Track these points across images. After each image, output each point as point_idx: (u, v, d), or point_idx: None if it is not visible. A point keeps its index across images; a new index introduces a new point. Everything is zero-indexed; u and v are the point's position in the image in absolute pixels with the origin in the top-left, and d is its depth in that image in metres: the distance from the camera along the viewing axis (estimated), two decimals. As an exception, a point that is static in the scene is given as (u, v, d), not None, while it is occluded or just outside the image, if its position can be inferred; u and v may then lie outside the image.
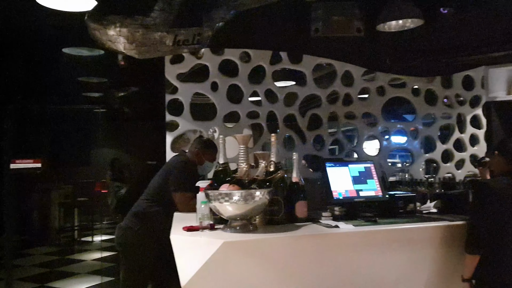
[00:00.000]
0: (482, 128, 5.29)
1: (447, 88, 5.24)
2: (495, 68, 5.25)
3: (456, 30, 4.41)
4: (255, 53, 4.47)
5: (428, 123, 5.23)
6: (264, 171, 2.43)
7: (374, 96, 4.97)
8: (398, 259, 2.43)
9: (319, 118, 4.80)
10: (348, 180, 2.71)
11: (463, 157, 5.22)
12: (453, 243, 2.50)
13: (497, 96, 5.26)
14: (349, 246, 2.34)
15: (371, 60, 4.98)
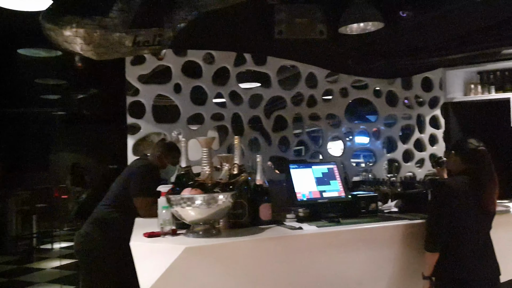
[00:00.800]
0: (440, 128, 5.44)
1: (407, 90, 5.36)
2: (452, 70, 5.42)
3: (415, 33, 4.51)
4: (219, 54, 4.44)
5: (390, 124, 5.34)
6: (227, 174, 2.40)
7: (337, 98, 5.03)
8: (361, 258, 2.45)
9: (284, 120, 4.81)
10: (311, 182, 2.71)
11: (423, 157, 5.35)
12: (413, 241, 2.54)
13: (454, 97, 5.43)
14: (313, 247, 2.34)
15: (334, 62, 5.04)
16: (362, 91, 5.16)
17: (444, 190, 2.43)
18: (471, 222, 2.40)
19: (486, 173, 2.42)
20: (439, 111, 5.43)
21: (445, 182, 2.53)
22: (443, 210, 2.39)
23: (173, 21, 3.18)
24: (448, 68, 5.40)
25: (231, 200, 2.20)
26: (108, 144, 4.98)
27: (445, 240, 2.38)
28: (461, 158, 2.49)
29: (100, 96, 6.14)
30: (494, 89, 5.32)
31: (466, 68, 5.40)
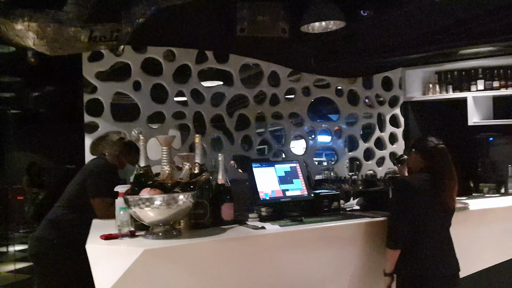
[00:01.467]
0: (400, 127, 5.56)
1: (368, 89, 5.44)
2: (412, 70, 5.54)
3: (375, 32, 4.59)
4: (179, 51, 4.35)
5: (351, 123, 5.41)
6: (188, 174, 2.33)
7: (300, 97, 5.05)
8: (324, 257, 2.45)
9: (247, 118, 4.78)
10: (274, 180, 2.69)
11: (383, 155, 5.45)
12: (375, 239, 2.56)
13: (413, 96, 5.55)
14: (276, 246, 2.31)
15: (296, 61, 5.05)
16: (324, 90, 5.20)
17: (405, 187, 2.45)
18: (431, 219, 2.44)
19: (446, 170, 2.46)
20: (398, 110, 5.55)
21: (406, 179, 2.55)
22: (404, 207, 2.42)
23: (131, 16, 3.08)
24: (407, 67, 5.52)
25: (191, 200, 2.14)
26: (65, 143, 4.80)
27: (406, 237, 2.40)
28: (421, 156, 2.52)
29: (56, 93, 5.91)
30: (452, 89, 5.48)
31: (425, 68, 5.53)
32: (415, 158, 2.55)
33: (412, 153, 2.57)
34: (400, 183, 2.54)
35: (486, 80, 5.32)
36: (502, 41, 4.75)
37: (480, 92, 5.32)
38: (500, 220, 3.12)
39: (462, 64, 5.33)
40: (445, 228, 2.51)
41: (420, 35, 4.79)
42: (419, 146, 2.56)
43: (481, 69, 5.33)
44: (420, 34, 4.77)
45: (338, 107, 5.28)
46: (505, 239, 3.11)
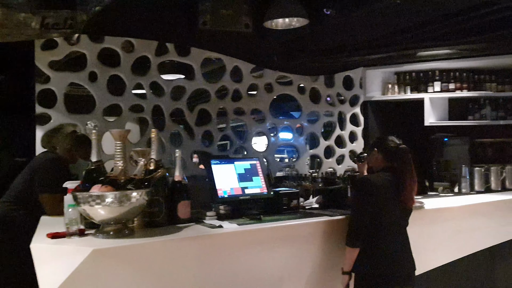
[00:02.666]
0: (360, 126, 5.63)
1: (329, 87, 5.47)
2: (372, 70, 5.62)
3: (338, 31, 4.60)
4: (139, 42, 4.21)
5: (313, 120, 5.42)
6: (143, 170, 2.24)
7: (262, 93, 5.01)
8: (282, 255, 2.42)
9: (208, 114, 4.69)
10: (233, 178, 2.63)
11: (343, 153, 5.50)
12: (333, 237, 2.56)
13: (373, 96, 5.63)
14: (234, 245, 2.26)
15: (259, 57, 5.00)
16: (286, 87, 5.19)
17: (367, 186, 2.45)
18: (391, 218, 2.46)
19: (407, 170, 2.48)
20: (359, 109, 5.61)
21: (368, 178, 2.56)
22: (365, 206, 2.42)
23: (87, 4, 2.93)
24: (368, 67, 5.59)
25: (146, 197, 2.05)
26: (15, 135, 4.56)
27: (366, 235, 2.41)
28: (384, 155, 2.53)
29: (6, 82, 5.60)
30: (410, 89, 5.59)
31: (385, 69, 5.62)
32: (376, 157, 2.56)
33: (374, 152, 2.58)
34: (362, 181, 2.54)
35: (442, 82, 5.47)
36: (459, 44, 4.88)
37: (437, 94, 5.46)
38: (454, 219, 3.20)
39: (420, 66, 5.45)
40: (403, 228, 2.53)
41: (380, 36, 4.85)
42: (381, 146, 2.57)
43: (438, 71, 5.47)
44: (381, 34, 4.83)
45: (300, 105, 5.27)
46: (458, 238, 3.19)
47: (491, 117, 5.53)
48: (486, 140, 5.73)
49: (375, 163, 2.59)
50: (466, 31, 4.68)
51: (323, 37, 4.78)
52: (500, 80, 5.51)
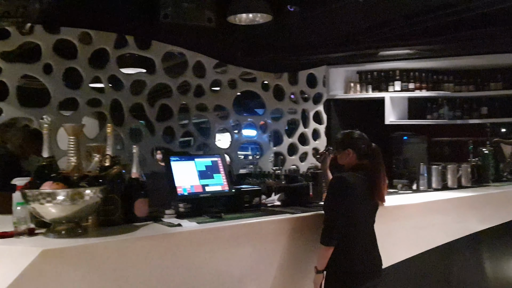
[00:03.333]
0: (323, 124, 5.66)
1: (293, 85, 5.47)
2: (335, 68, 5.66)
3: (301, 29, 4.60)
4: (97, 34, 4.06)
5: (276, 118, 5.41)
6: (97, 166, 2.14)
7: (226, 89, 4.95)
8: (244, 254, 2.38)
9: (170, 109, 4.59)
10: (194, 175, 2.57)
11: (306, 150, 5.53)
12: (295, 235, 2.54)
13: (336, 94, 5.68)
14: (193, 244, 2.20)
15: (223, 52, 4.95)
16: (250, 84, 5.15)
17: (342, 185, 2.43)
18: (362, 217, 2.46)
19: (380, 169, 2.49)
20: (322, 107, 5.64)
21: (343, 177, 2.52)
22: (341, 205, 2.40)
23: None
24: (331, 66, 5.63)
25: (100, 195, 1.96)
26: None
27: (340, 233, 2.39)
28: (357, 154, 2.51)
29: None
30: (371, 88, 5.68)
31: (347, 67, 5.68)
32: (349, 156, 2.53)
33: (348, 151, 2.53)
34: (337, 180, 2.49)
35: (402, 82, 5.58)
36: (418, 45, 4.99)
37: (397, 93, 5.57)
38: (412, 216, 3.25)
39: (382, 65, 5.54)
40: (371, 225, 2.54)
41: (343, 35, 4.90)
42: (354, 144, 2.53)
43: (399, 71, 5.58)
44: (344, 33, 4.88)
45: (264, 102, 5.25)
46: (416, 234, 3.24)
47: (448, 117, 5.69)
48: (444, 139, 5.91)
49: (348, 161, 2.56)
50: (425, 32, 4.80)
51: (287, 34, 4.77)
52: (457, 81, 5.68)
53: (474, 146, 4.63)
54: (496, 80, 5.52)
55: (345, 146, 2.56)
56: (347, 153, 2.53)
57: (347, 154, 2.53)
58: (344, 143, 2.58)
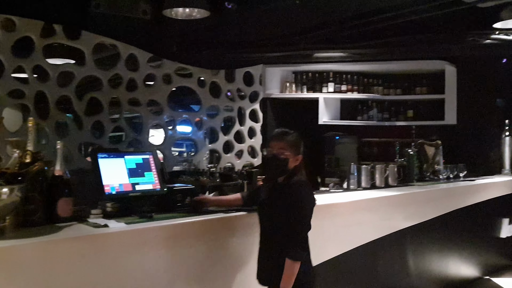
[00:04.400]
0: (259, 122, 5.69)
1: (230, 82, 5.44)
2: (271, 68, 5.71)
3: (239, 27, 4.58)
4: (21, 21, 3.78)
5: (212, 115, 5.36)
6: (17, 163, 1.99)
7: (160, 84, 4.82)
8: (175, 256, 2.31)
9: (99, 103, 4.39)
10: (123, 173, 2.46)
11: (242, 148, 5.52)
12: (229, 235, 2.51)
13: (272, 93, 5.73)
14: (120, 246, 2.10)
15: (158, 46, 4.81)
16: (186, 80, 5.05)
17: (309, 191, 2.31)
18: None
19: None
20: (258, 105, 5.67)
21: (307, 182, 2.34)
22: (310, 212, 2.26)
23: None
24: (267, 65, 5.67)
25: (19, 194, 1.83)
26: None
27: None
28: (302, 159, 2.38)
29: None
30: (306, 89, 5.79)
31: (283, 67, 5.75)
32: (297, 161, 2.34)
33: (299, 156, 2.35)
34: (304, 186, 2.31)
35: (335, 83, 5.75)
36: (351, 49, 5.16)
37: (330, 94, 5.72)
38: (342, 214, 3.34)
39: (316, 67, 5.67)
40: None
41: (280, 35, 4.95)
42: (301, 149, 2.37)
43: (332, 73, 5.74)
44: (280, 34, 4.92)
45: (199, 98, 5.17)
46: (346, 232, 3.34)
47: (377, 118, 5.94)
48: (373, 139, 6.16)
49: (294, 166, 2.33)
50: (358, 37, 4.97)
51: (224, 31, 4.74)
52: (386, 85, 5.95)
53: (401, 147, 4.87)
54: (422, 85, 5.84)
55: (299, 152, 2.36)
56: (298, 159, 2.34)
57: (297, 160, 2.34)
58: (298, 148, 2.36)
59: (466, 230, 4.71)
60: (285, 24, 4.65)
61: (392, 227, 3.69)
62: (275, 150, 2.33)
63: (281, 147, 2.31)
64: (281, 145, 2.31)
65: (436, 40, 4.83)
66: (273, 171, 2.36)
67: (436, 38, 4.83)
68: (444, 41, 4.81)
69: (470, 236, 4.83)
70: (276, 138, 2.36)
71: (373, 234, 3.53)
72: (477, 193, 4.75)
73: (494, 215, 5.21)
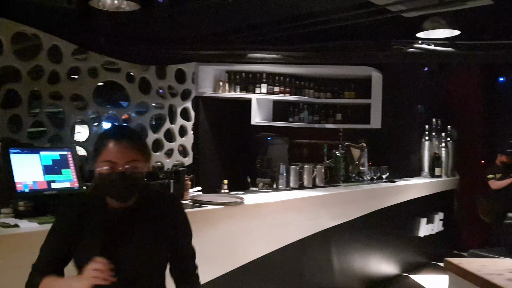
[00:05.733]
0: (190, 120, 5.60)
1: (161, 79, 5.31)
2: (204, 66, 5.64)
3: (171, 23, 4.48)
4: None
5: (142, 112, 5.20)
6: None
7: (85, 77, 4.59)
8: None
9: (18, 96, 4.09)
10: (38, 170, 2.30)
11: (172, 147, 5.41)
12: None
13: (205, 92, 5.67)
14: (32, 248, 1.95)
15: (84, 38, 4.58)
16: (114, 74, 4.86)
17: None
18: None
19: None
20: (190, 104, 5.58)
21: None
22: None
23: None
24: (200, 63, 5.59)
25: None
26: None
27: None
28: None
29: None
30: (239, 89, 5.79)
31: (217, 66, 5.70)
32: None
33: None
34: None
35: (268, 85, 5.80)
36: (283, 51, 5.23)
37: (263, 95, 5.76)
38: (270, 214, 3.36)
39: (250, 67, 5.68)
40: None
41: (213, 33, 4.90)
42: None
43: (265, 74, 5.79)
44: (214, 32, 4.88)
45: (128, 94, 4.99)
46: (274, 231, 3.37)
47: (308, 120, 6.07)
48: (303, 141, 6.30)
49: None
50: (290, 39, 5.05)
51: (155, 26, 4.61)
52: (317, 88, 6.09)
53: (329, 149, 5.01)
54: (350, 90, 6.05)
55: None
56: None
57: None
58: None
59: (387, 229, 4.94)
60: (219, 23, 4.61)
61: (318, 226, 3.78)
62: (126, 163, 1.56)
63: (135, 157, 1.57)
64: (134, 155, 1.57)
65: (364, 46, 5.02)
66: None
67: (363, 45, 5.02)
68: (371, 48, 5.01)
69: (391, 235, 5.06)
70: (126, 143, 1.58)
71: (300, 233, 3.59)
72: (398, 194, 5.00)
73: (413, 215, 5.50)
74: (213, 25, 4.65)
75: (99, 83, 4.70)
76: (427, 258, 5.84)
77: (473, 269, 1.86)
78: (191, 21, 4.52)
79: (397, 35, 4.94)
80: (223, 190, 3.53)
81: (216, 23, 4.59)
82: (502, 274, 1.81)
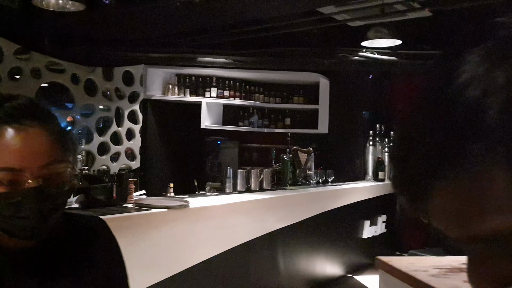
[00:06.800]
0: (138, 124, 5.53)
1: (108, 81, 5.22)
2: (153, 68, 5.59)
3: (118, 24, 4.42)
4: None
5: (87, 114, 5.08)
6: None
7: (28, 78, 4.44)
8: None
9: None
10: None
11: (119, 150, 5.32)
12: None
13: (153, 94, 5.62)
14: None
15: (26, 38, 4.43)
16: (58, 75, 4.73)
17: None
18: None
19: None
20: (138, 106, 5.51)
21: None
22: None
23: None
24: (149, 65, 5.54)
25: None
26: None
27: None
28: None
29: None
30: (189, 92, 5.78)
31: (166, 69, 5.67)
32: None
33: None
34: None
35: (218, 89, 5.83)
36: (233, 55, 5.29)
37: (213, 99, 5.79)
38: (216, 217, 3.39)
39: (200, 71, 5.69)
40: None
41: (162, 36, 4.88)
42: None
43: (215, 78, 5.81)
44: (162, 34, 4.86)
45: (73, 96, 4.87)
46: (220, 234, 3.40)
47: (257, 125, 6.15)
48: (253, 145, 6.37)
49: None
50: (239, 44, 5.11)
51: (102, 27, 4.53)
52: (266, 93, 6.19)
53: (277, 153, 5.11)
54: (299, 95, 6.19)
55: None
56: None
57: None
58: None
59: (332, 231, 5.09)
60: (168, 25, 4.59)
61: (264, 228, 3.84)
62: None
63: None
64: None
65: (310, 53, 5.16)
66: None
67: (310, 51, 5.16)
68: (317, 55, 5.16)
69: (336, 237, 5.22)
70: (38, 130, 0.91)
71: (246, 235, 3.64)
72: (343, 197, 5.16)
73: (357, 217, 5.69)
74: (161, 28, 4.63)
75: (43, 84, 4.55)
76: (370, 259, 6.05)
77: (401, 266, 1.97)
78: (138, 23, 4.48)
79: (344, 43, 5.12)
80: (169, 194, 3.52)
81: (164, 26, 4.57)
82: (427, 270, 1.93)
